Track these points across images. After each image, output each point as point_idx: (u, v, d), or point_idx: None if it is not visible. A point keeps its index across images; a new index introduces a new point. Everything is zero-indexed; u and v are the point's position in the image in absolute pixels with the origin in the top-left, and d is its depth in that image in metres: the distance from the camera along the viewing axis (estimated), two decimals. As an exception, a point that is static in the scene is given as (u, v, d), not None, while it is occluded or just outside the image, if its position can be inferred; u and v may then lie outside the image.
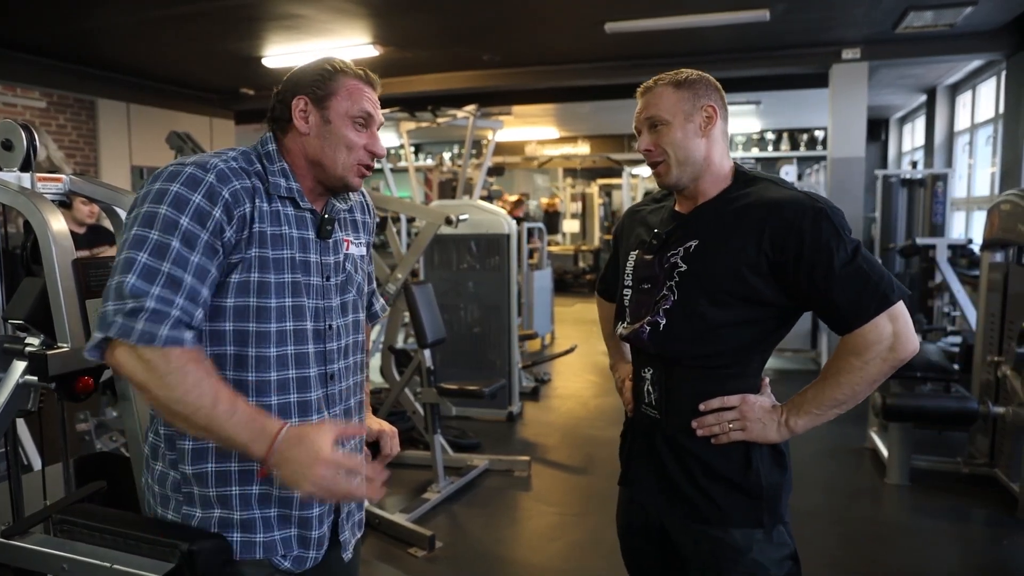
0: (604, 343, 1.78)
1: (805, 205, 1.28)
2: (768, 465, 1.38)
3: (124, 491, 1.52)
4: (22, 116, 6.88)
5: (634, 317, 1.45)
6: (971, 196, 7.67)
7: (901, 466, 3.81)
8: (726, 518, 1.36)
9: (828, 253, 1.26)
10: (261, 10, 5.36)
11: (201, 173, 1.13)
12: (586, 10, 5.41)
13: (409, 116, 6.18)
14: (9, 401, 1.37)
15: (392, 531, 3.20)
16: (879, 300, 1.26)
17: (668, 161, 1.38)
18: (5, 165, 1.57)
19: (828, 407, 1.33)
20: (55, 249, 1.38)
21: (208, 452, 1.20)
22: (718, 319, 1.33)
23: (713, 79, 1.42)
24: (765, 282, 1.31)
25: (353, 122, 1.24)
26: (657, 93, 1.39)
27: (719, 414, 1.36)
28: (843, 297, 1.26)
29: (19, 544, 1.33)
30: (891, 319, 1.26)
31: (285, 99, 1.24)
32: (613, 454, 1.64)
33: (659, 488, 1.43)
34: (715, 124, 1.39)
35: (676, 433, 1.40)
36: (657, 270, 1.41)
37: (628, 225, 1.59)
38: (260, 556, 1.23)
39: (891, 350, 1.27)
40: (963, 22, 5.64)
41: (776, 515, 1.37)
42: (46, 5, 5.18)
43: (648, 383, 1.45)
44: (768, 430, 1.35)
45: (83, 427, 3.59)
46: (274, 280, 1.19)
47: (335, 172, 1.25)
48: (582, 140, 13.24)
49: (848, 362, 1.29)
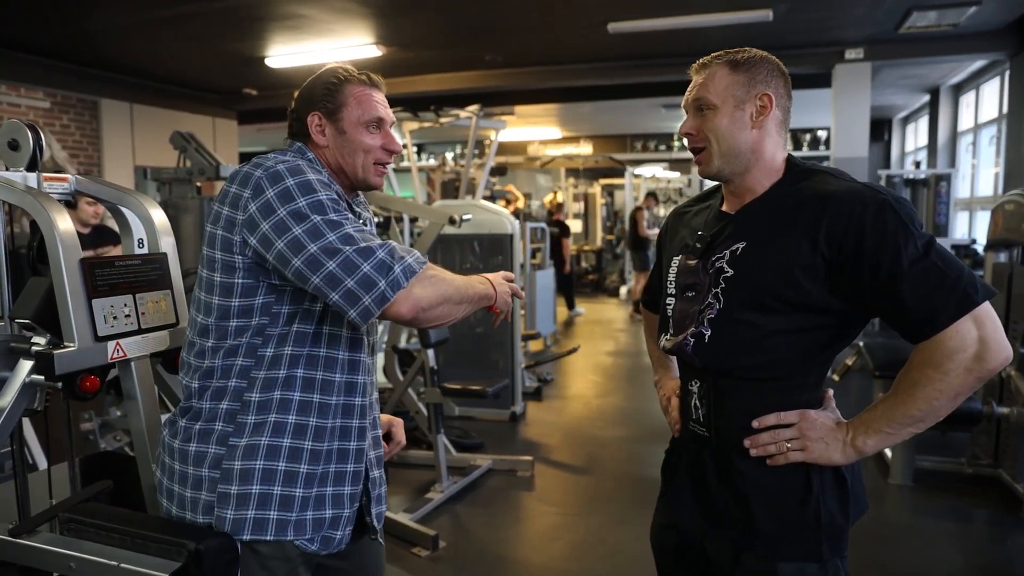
0: (649, 358, 1.65)
1: (866, 196, 1.14)
2: (831, 488, 1.23)
3: (129, 490, 1.52)
4: (26, 116, 6.89)
5: (678, 328, 1.33)
6: (974, 196, 7.66)
7: (904, 466, 3.81)
8: (777, 550, 1.22)
9: (894, 249, 1.10)
10: (264, 10, 5.37)
11: (298, 170, 1.22)
12: (589, 10, 5.41)
13: (412, 116, 6.19)
14: (16, 400, 1.38)
15: (396, 531, 3.20)
16: (959, 300, 1.08)
17: (710, 149, 1.26)
18: (11, 165, 1.57)
19: (902, 425, 1.15)
20: (62, 248, 1.38)
21: (266, 426, 1.25)
22: (769, 327, 1.20)
23: (778, 63, 1.28)
24: (821, 285, 1.17)
25: (366, 127, 1.32)
26: (710, 73, 1.25)
27: (775, 432, 1.22)
28: (915, 299, 1.10)
29: (26, 543, 1.34)
30: (976, 323, 1.09)
31: (301, 116, 1.33)
32: (616, 454, 1.63)
33: (701, 512, 1.31)
34: (769, 114, 1.24)
35: (727, 451, 1.27)
36: (701, 276, 1.29)
37: (672, 228, 1.47)
38: (291, 536, 1.25)
39: (977, 359, 1.09)
40: (966, 22, 5.64)
41: (838, 546, 1.23)
42: (49, 6, 5.19)
43: (695, 397, 1.32)
44: (832, 450, 1.19)
45: (87, 426, 3.59)
46: None
47: (356, 175, 1.34)
48: (584, 140, 13.25)
49: (925, 374, 1.12)
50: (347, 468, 1.31)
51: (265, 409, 1.24)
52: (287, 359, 1.25)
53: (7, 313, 1.54)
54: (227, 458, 1.24)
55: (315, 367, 1.27)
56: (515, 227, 5.17)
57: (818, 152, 11.73)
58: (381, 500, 1.42)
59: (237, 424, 1.25)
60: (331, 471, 1.29)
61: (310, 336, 1.27)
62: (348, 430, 1.31)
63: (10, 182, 1.49)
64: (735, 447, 1.25)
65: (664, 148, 12.78)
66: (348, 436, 1.31)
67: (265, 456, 1.24)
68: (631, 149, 13.13)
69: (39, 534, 1.37)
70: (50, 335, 1.41)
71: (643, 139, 13.02)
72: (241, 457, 1.24)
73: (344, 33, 6.00)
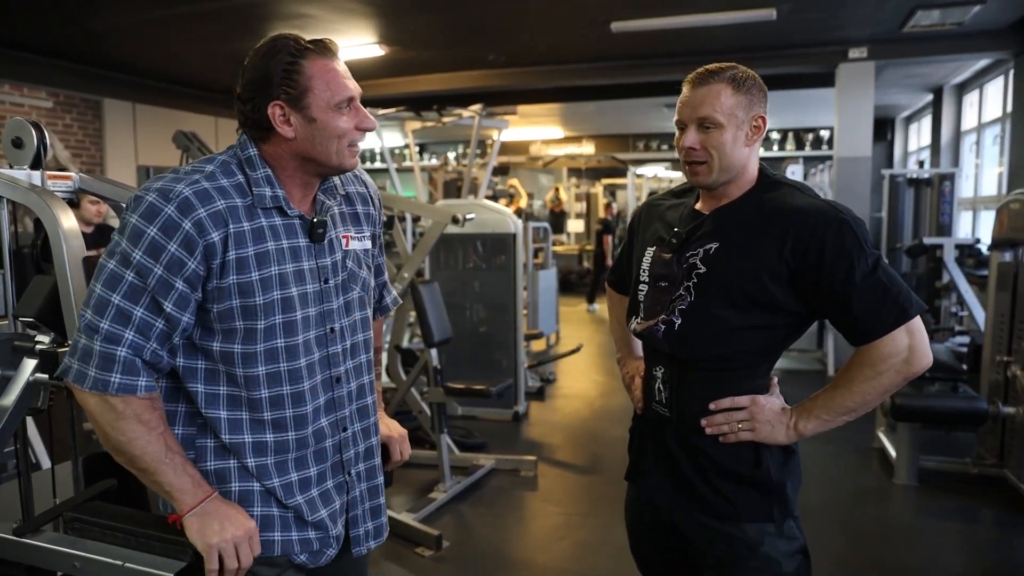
0: (612, 337, 1.76)
1: (829, 215, 1.28)
2: (778, 460, 1.39)
3: (133, 490, 1.52)
4: (28, 116, 6.90)
5: (648, 314, 1.44)
6: (978, 196, 7.63)
7: (909, 466, 3.80)
8: (738, 513, 1.37)
9: (849, 264, 1.26)
10: (267, 10, 5.37)
11: (162, 203, 1.11)
12: (591, 9, 5.40)
13: (414, 116, 6.18)
14: (20, 399, 1.37)
15: (399, 530, 3.19)
16: (898, 313, 1.26)
17: (710, 163, 1.35)
18: (15, 163, 1.57)
19: (838, 413, 1.34)
20: (66, 247, 1.38)
21: (229, 449, 1.21)
22: (734, 322, 1.33)
23: (764, 84, 1.39)
24: (784, 289, 1.31)
25: (337, 109, 1.18)
26: (715, 91, 1.33)
27: (729, 413, 1.37)
28: (861, 308, 1.27)
29: (31, 542, 1.33)
30: (908, 333, 1.27)
31: (259, 107, 1.16)
32: (619, 454, 1.63)
33: (670, 485, 1.44)
34: (761, 135, 1.37)
35: (687, 431, 1.41)
36: (675, 269, 1.40)
37: (646, 218, 1.56)
38: (278, 554, 1.23)
39: (906, 363, 1.28)
40: (971, 21, 5.62)
41: (786, 509, 1.38)
42: (52, 6, 5.19)
43: (659, 381, 1.45)
44: (777, 432, 1.36)
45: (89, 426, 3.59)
46: (261, 301, 1.17)
47: (330, 163, 1.21)
48: (587, 140, 13.22)
49: (862, 372, 1.31)
50: (327, 486, 1.28)
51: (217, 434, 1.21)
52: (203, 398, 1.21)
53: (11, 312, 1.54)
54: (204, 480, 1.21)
55: (239, 404, 1.21)
56: (518, 227, 5.16)
57: (821, 152, 11.70)
58: (368, 517, 1.35)
59: (197, 449, 1.21)
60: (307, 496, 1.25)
61: (222, 368, 1.20)
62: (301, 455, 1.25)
63: (14, 180, 1.49)
64: (694, 427, 1.39)
65: (666, 148, 12.75)
66: (315, 458, 1.26)
67: (238, 479, 1.21)
68: (633, 149, 13.10)
69: (43, 533, 1.37)
70: (54, 334, 1.41)
71: (645, 139, 13.00)
72: (216, 480, 1.21)
73: (347, 32, 6.00)
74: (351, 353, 1.30)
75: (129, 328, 1.11)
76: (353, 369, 1.31)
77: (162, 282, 1.11)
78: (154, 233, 1.10)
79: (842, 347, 6.01)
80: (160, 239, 1.10)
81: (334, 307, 1.26)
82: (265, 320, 1.17)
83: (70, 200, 1.60)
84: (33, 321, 1.42)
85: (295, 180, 1.22)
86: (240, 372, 1.19)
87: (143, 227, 1.10)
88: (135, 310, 1.11)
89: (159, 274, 1.11)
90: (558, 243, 12.86)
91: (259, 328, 1.17)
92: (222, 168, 1.18)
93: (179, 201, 1.11)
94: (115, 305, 1.11)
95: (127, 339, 1.11)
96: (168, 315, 1.13)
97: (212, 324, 1.17)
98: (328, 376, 1.26)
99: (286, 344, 1.20)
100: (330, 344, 1.26)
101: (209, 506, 1.15)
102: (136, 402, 1.12)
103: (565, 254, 12.67)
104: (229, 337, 1.17)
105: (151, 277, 1.11)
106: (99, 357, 1.10)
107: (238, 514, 1.17)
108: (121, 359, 1.11)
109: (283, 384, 1.21)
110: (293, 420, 1.22)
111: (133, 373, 1.11)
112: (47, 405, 1.43)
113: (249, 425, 1.20)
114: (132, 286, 1.11)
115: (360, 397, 1.33)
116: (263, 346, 1.18)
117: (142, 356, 1.12)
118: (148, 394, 1.13)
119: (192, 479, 1.15)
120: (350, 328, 1.30)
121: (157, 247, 1.10)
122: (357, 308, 1.32)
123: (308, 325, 1.23)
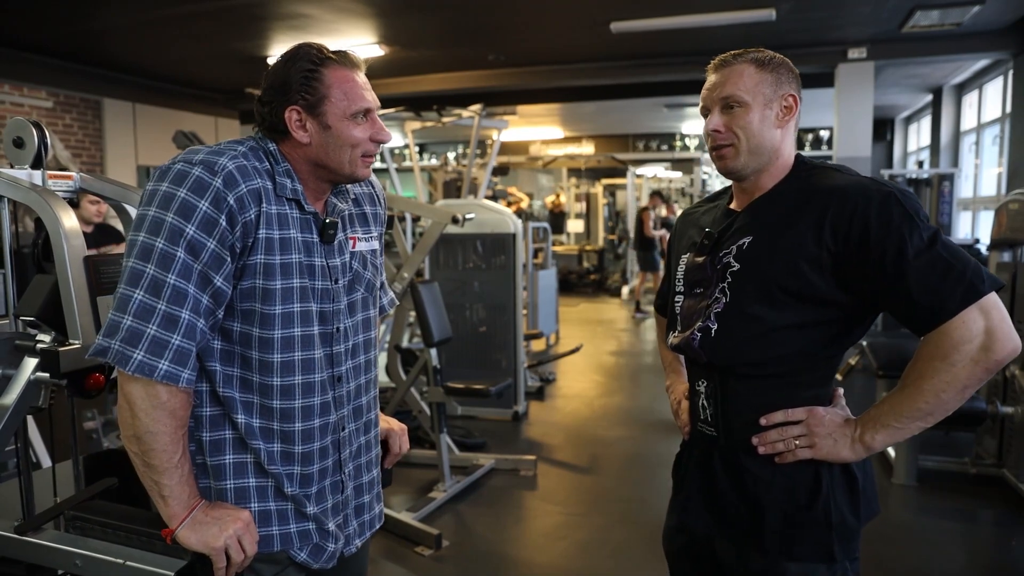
0: (663, 364, 1.62)
1: (871, 189, 1.14)
2: (841, 487, 1.22)
3: (134, 488, 1.52)
4: (29, 116, 6.90)
5: (685, 324, 1.33)
6: (977, 196, 7.65)
7: (908, 466, 3.80)
8: (785, 550, 1.21)
9: (899, 240, 1.10)
10: (266, 10, 5.38)
11: (209, 177, 1.11)
12: (591, 9, 5.41)
13: (414, 116, 6.18)
14: (21, 398, 1.38)
15: (398, 530, 3.20)
16: (965, 291, 1.07)
17: (737, 145, 1.24)
18: (16, 162, 1.57)
19: (910, 419, 1.14)
20: (67, 246, 1.39)
21: (226, 443, 1.21)
22: (774, 321, 1.20)
23: (793, 66, 1.29)
24: (827, 278, 1.16)
25: (353, 119, 1.20)
26: (737, 71, 1.24)
27: (783, 429, 1.21)
28: (920, 289, 1.09)
29: (32, 540, 1.34)
30: (983, 313, 1.07)
31: (276, 111, 1.19)
32: (618, 454, 1.63)
33: (711, 512, 1.31)
34: (793, 115, 1.26)
35: (735, 449, 1.26)
36: (709, 272, 1.29)
37: (681, 229, 1.47)
38: (277, 548, 1.23)
39: (984, 350, 1.08)
40: (970, 21, 5.63)
41: (848, 549, 1.21)
42: (52, 5, 5.19)
43: (703, 397, 1.31)
44: (840, 447, 1.19)
45: (90, 425, 3.59)
46: (280, 286, 1.18)
47: (343, 171, 1.23)
48: (587, 140, 13.23)
49: (932, 366, 1.11)
50: (324, 484, 1.28)
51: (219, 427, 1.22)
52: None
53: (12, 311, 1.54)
54: (202, 476, 1.21)
55: (251, 388, 1.21)
56: (518, 226, 5.16)
57: (820, 152, 11.72)
58: (363, 513, 1.37)
59: (196, 441, 1.21)
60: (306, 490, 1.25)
61: (238, 350, 1.20)
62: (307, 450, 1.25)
63: (15, 180, 1.50)
64: (743, 445, 1.25)
65: (666, 148, 12.76)
66: (315, 458, 1.26)
67: (233, 475, 1.22)
68: (633, 149, 13.11)
69: (45, 531, 1.37)
70: (55, 333, 1.41)
71: (645, 139, 13.01)
72: (213, 476, 1.21)
73: (347, 32, 6.00)
74: (352, 353, 1.31)
75: (185, 308, 1.10)
76: (352, 369, 1.32)
77: (215, 256, 1.11)
78: (206, 207, 1.10)
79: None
80: (212, 213, 1.10)
81: (340, 307, 1.28)
82: (283, 306, 1.19)
83: (70, 200, 1.60)
84: (34, 320, 1.42)
85: (308, 182, 1.24)
86: (256, 355, 1.19)
87: (195, 201, 1.09)
88: (188, 287, 1.10)
89: (212, 248, 1.11)
90: (558, 243, 12.88)
91: (276, 313, 1.18)
92: (252, 152, 1.20)
93: (224, 175, 1.12)
94: (171, 284, 1.09)
95: (183, 320, 1.10)
96: (217, 289, 1.13)
97: (234, 303, 1.18)
98: (330, 374, 1.27)
99: (303, 333, 1.21)
100: (334, 343, 1.27)
101: (199, 515, 1.15)
102: (179, 394, 1.12)
103: (565, 254, 12.68)
104: (248, 319, 1.18)
105: (204, 252, 1.10)
106: (151, 341, 1.08)
107: (228, 510, 1.17)
108: (174, 346, 1.09)
109: (296, 373, 1.21)
110: (301, 411, 1.23)
111: (181, 363, 1.10)
112: (48, 404, 1.44)
113: (259, 410, 1.21)
114: (184, 263, 1.09)
115: (357, 397, 1.34)
116: (280, 332, 1.19)
117: (194, 338, 1.12)
118: (187, 387, 1.13)
119: (189, 490, 1.15)
120: (353, 328, 1.31)
121: (210, 221, 1.10)
122: (360, 309, 1.34)
123: (320, 319, 1.25)
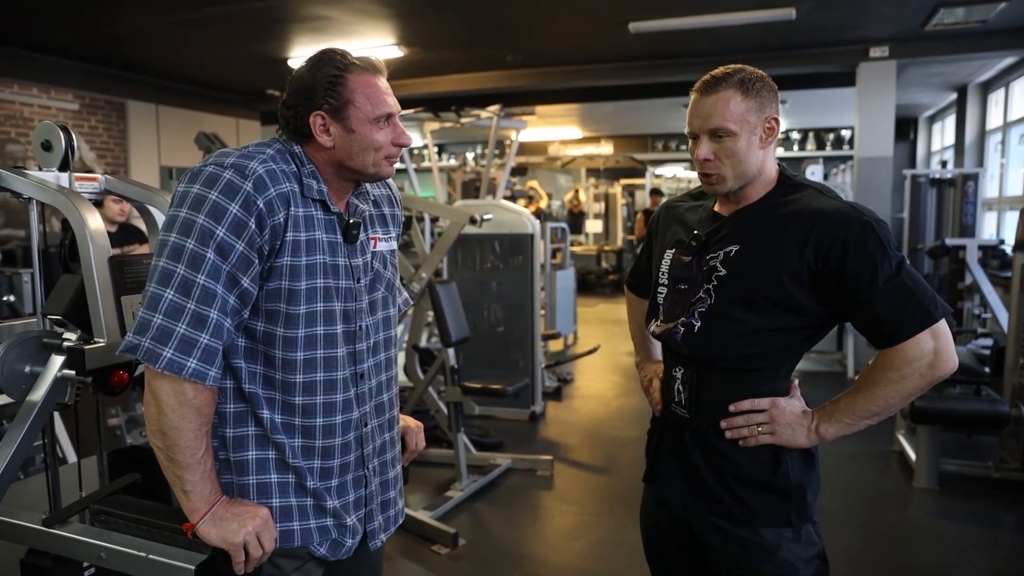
0: (631, 340, 1.75)
1: (851, 217, 1.27)
2: (797, 464, 1.37)
3: (156, 484, 1.55)
4: (56, 118, 7.02)
5: (668, 316, 1.44)
6: (1003, 196, 7.52)
7: (929, 470, 3.76)
8: (755, 518, 1.36)
9: (872, 267, 1.25)
10: (287, 12, 5.42)
11: (239, 180, 1.14)
12: (609, 10, 5.39)
13: (433, 116, 6.20)
14: (48, 394, 1.41)
15: (416, 528, 3.22)
16: (922, 316, 1.25)
17: (724, 173, 1.34)
18: (44, 165, 1.61)
19: (860, 417, 1.33)
20: (92, 246, 1.42)
21: (249, 440, 1.24)
22: (754, 325, 1.33)
23: (773, 83, 1.36)
24: (805, 292, 1.30)
25: (376, 123, 1.23)
26: (723, 99, 1.31)
27: (748, 416, 1.36)
28: (885, 311, 1.26)
29: (59, 532, 1.37)
30: (933, 336, 1.26)
31: (300, 115, 1.22)
32: (636, 454, 1.65)
33: (687, 487, 1.43)
34: (775, 135, 1.36)
35: (706, 433, 1.40)
36: (695, 271, 1.40)
37: (664, 220, 1.56)
38: (298, 544, 1.25)
39: (930, 367, 1.27)
40: (995, 18, 5.54)
41: (805, 514, 1.37)
42: (76, 10, 5.28)
43: (679, 382, 1.45)
44: (797, 435, 1.35)
45: (114, 422, 3.66)
46: (305, 286, 1.21)
47: (366, 172, 1.27)
48: (605, 140, 13.19)
49: (885, 375, 1.29)
50: (347, 478, 1.30)
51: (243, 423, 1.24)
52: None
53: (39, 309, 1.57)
54: (224, 471, 1.24)
55: (273, 385, 1.23)
56: (535, 227, 5.17)
57: (842, 152, 11.58)
58: (389, 508, 1.40)
59: (219, 438, 1.24)
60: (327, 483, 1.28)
61: (261, 348, 1.23)
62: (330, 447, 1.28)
63: (43, 182, 1.53)
64: (713, 429, 1.39)
65: (685, 148, 12.68)
66: (334, 451, 1.28)
67: (256, 471, 1.24)
68: (652, 149, 13.06)
69: (71, 524, 1.40)
70: (81, 331, 1.44)
71: (664, 139, 12.96)
72: (235, 472, 1.24)
73: (366, 34, 6.04)
74: (373, 351, 1.34)
75: (213, 307, 1.13)
76: (374, 366, 1.34)
77: (243, 258, 1.15)
78: (236, 210, 1.13)
79: (862, 349, 5.96)
80: (242, 216, 1.13)
81: (362, 305, 1.31)
82: (306, 306, 1.21)
83: (95, 200, 1.63)
84: (60, 319, 1.46)
85: (332, 185, 1.28)
86: (279, 354, 1.22)
87: (225, 204, 1.13)
88: (216, 287, 1.13)
89: (241, 250, 1.14)
90: (576, 243, 12.85)
91: (300, 313, 1.21)
92: (279, 155, 1.23)
93: (255, 179, 1.15)
94: (200, 285, 1.12)
95: (212, 319, 1.13)
96: (244, 290, 1.16)
97: (259, 303, 1.20)
98: (353, 371, 1.30)
99: (325, 332, 1.24)
100: (357, 341, 1.30)
101: (219, 511, 1.17)
102: (205, 392, 1.15)
103: (583, 254, 12.65)
104: (272, 319, 1.21)
105: (233, 254, 1.14)
106: (180, 340, 1.11)
107: (247, 507, 1.20)
108: (203, 345, 1.12)
109: (318, 371, 1.24)
110: (322, 407, 1.25)
111: (209, 361, 1.13)
112: (74, 401, 1.47)
113: (281, 406, 1.24)
114: (214, 264, 1.13)
115: (378, 393, 1.36)
116: (303, 331, 1.22)
117: (222, 337, 1.15)
118: (214, 385, 1.16)
119: (211, 486, 1.18)
120: (374, 326, 1.34)
121: (240, 224, 1.13)
122: (381, 307, 1.37)
123: (343, 318, 1.28)
